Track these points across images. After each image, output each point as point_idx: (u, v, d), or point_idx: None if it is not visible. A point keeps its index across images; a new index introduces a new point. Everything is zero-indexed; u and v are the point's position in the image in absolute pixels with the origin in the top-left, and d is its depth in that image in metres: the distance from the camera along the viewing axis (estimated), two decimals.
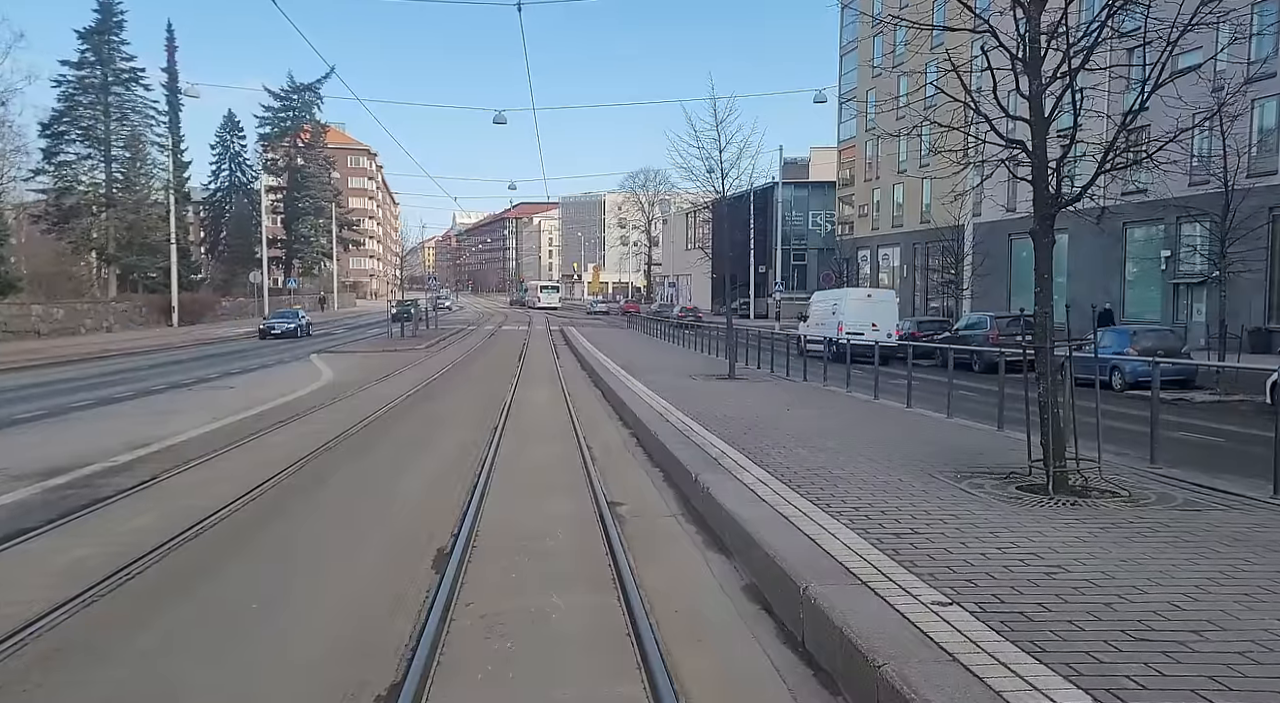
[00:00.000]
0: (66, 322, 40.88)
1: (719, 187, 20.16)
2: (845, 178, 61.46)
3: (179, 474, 9.44)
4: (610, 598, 5.47)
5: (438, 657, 4.51)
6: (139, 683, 4.33)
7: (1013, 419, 10.01)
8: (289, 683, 4.33)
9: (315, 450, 10.78)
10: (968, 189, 14.32)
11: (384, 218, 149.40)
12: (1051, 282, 7.62)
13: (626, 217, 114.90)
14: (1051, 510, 6.65)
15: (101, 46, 53.72)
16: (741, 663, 4.57)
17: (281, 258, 77.49)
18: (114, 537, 6.86)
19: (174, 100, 58.89)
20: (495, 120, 36.68)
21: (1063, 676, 3.64)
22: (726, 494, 7.21)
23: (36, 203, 54.57)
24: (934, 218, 39.66)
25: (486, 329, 50.29)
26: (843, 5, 42.90)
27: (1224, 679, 3.63)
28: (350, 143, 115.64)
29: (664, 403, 13.85)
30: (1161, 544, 5.68)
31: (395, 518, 7.71)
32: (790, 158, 69.05)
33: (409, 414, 14.92)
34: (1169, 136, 7.77)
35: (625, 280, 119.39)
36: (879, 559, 5.30)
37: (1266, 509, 6.76)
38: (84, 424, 13.85)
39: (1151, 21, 7.62)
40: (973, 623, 4.24)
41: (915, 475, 7.95)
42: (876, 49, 50.17)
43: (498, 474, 9.49)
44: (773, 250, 59.33)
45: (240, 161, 75.88)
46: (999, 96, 7.98)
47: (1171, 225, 29.86)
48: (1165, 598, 4.63)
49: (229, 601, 5.48)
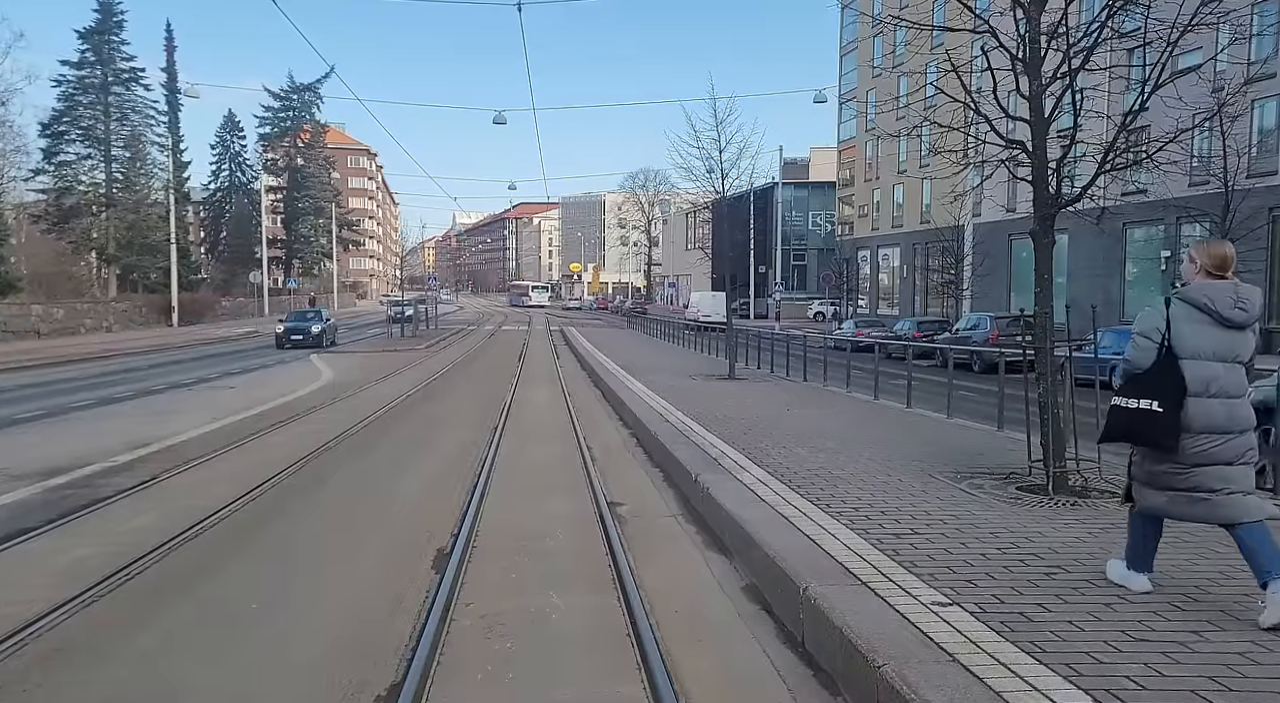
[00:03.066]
0: (66, 322, 40.87)
1: (719, 187, 20.15)
2: (845, 178, 61.47)
3: (179, 474, 9.44)
4: (610, 598, 5.47)
5: (438, 657, 4.51)
6: (139, 683, 4.33)
7: (1013, 419, 10.01)
8: (289, 683, 4.33)
9: (315, 450, 10.78)
10: (968, 189, 14.35)
11: (384, 218, 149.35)
12: (1051, 282, 7.61)
13: (626, 217, 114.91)
14: (1051, 511, 6.65)
15: (101, 46, 53.76)
16: (741, 663, 4.57)
17: (281, 258, 77.49)
18: (114, 537, 6.85)
19: (174, 100, 58.91)
20: (495, 120, 36.79)
21: (1062, 676, 3.64)
22: (726, 494, 7.20)
23: (36, 203, 54.59)
24: (934, 218, 39.64)
25: (486, 329, 50.30)
26: (843, 5, 42.87)
27: (1224, 679, 3.63)
28: (350, 143, 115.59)
29: (664, 403, 13.86)
30: (1161, 544, 5.65)
31: (395, 518, 7.71)
32: (790, 158, 69.13)
33: (409, 414, 14.92)
34: (1169, 137, 7.76)
35: (625, 280, 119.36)
36: (879, 559, 5.30)
37: None
38: (84, 424, 13.85)
39: (1151, 22, 7.62)
40: (973, 623, 4.24)
41: (915, 476, 7.95)
42: (876, 49, 50.17)
43: (498, 474, 9.49)
44: (773, 250, 59.37)
45: (240, 162, 75.99)
46: (999, 97, 7.98)
47: (1171, 226, 29.86)
48: (1165, 598, 4.63)
49: (229, 601, 5.48)
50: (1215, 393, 4.36)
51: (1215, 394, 4.36)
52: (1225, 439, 4.35)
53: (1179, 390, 4.35)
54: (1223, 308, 4.38)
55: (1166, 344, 4.43)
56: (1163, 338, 4.45)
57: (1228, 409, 4.37)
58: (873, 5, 45.07)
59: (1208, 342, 4.38)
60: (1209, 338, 4.39)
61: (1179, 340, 4.41)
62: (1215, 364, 4.37)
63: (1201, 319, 4.41)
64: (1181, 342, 4.40)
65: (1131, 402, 4.49)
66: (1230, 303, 4.38)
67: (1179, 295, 4.55)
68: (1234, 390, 4.39)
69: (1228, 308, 4.37)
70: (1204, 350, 4.37)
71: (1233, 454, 4.37)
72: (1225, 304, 4.38)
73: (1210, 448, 4.35)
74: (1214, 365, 4.37)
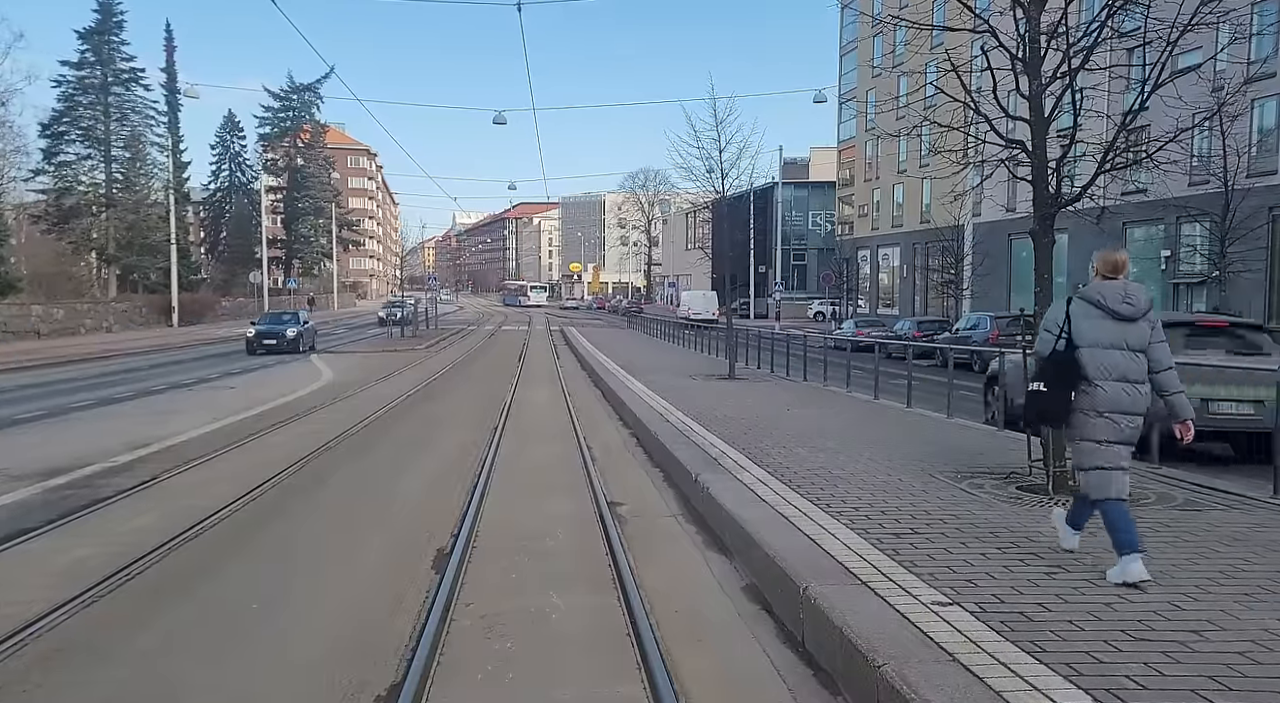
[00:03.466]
0: (66, 322, 40.85)
1: (719, 186, 20.13)
2: (845, 178, 61.48)
3: (179, 474, 9.44)
4: (610, 598, 5.47)
5: (438, 657, 4.51)
6: (139, 683, 4.33)
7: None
8: (289, 683, 4.33)
9: (315, 451, 10.79)
10: (968, 189, 14.33)
11: (384, 218, 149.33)
12: (1052, 282, 7.62)
13: (626, 217, 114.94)
14: (1052, 511, 6.64)
15: (101, 47, 53.71)
16: (741, 663, 4.57)
17: (281, 258, 77.45)
18: (114, 537, 6.85)
19: (174, 100, 58.84)
20: (495, 120, 36.78)
21: (1063, 676, 3.64)
22: (726, 494, 7.20)
23: (36, 203, 54.58)
24: (934, 218, 39.66)
25: (486, 329, 50.31)
26: (843, 5, 42.86)
27: (1224, 679, 3.63)
28: (350, 143, 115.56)
29: (664, 403, 13.86)
30: (1161, 544, 5.67)
31: (395, 518, 7.71)
32: (790, 158, 69.14)
33: (409, 414, 14.92)
34: (1169, 136, 7.77)
35: (625, 280, 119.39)
36: (879, 559, 5.31)
37: (1266, 509, 6.76)
38: (84, 424, 13.85)
39: (1151, 21, 7.62)
40: (973, 623, 4.24)
41: (915, 475, 7.94)
42: (876, 49, 50.15)
43: (498, 474, 9.49)
44: (773, 250, 59.36)
45: (240, 162, 75.93)
46: (999, 96, 7.98)
47: (1171, 225, 29.85)
48: (1165, 598, 4.63)
49: (229, 601, 5.48)
50: (1117, 377, 4.97)
51: (1117, 379, 4.97)
52: (1131, 419, 4.99)
53: (1070, 375, 5.02)
54: (1113, 303, 5.04)
55: (1067, 335, 5.08)
56: (1061, 331, 5.11)
57: (1131, 391, 4.98)
58: (873, 5, 45.05)
59: (1104, 333, 5.02)
60: (1104, 330, 5.02)
61: (1078, 333, 5.06)
62: (1113, 352, 4.99)
63: (1096, 314, 5.06)
64: (1080, 334, 5.05)
65: (1035, 385, 5.27)
66: (1119, 299, 5.03)
67: (1078, 295, 5.20)
68: (1134, 376, 4.99)
69: (1117, 303, 5.03)
70: (1100, 341, 5.01)
71: (1134, 434, 5.04)
72: (1115, 300, 5.04)
73: (1122, 426, 4.98)
74: (1111, 353, 4.99)
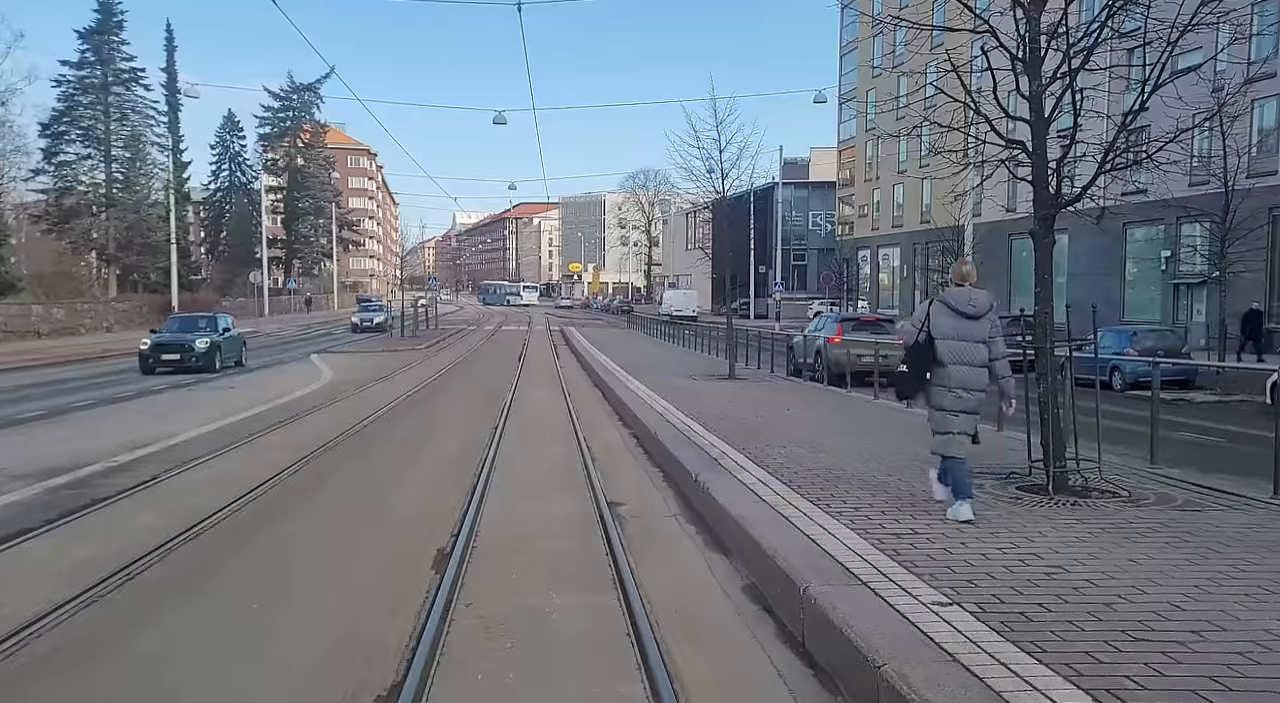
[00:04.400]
0: (67, 322, 40.83)
1: (719, 187, 20.11)
2: (845, 178, 61.46)
3: (179, 474, 9.44)
4: (610, 598, 5.47)
5: (438, 657, 4.51)
6: (139, 683, 4.33)
7: (1013, 419, 9.97)
8: (289, 683, 4.33)
9: (315, 451, 10.79)
10: (968, 189, 14.32)
11: (384, 218, 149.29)
12: (1052, 282, 7.62)
13: (626, 217, 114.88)
14: (1051, 511, 6.65)
15: (101, 46, 53.74)
16: (742, 663, 4.57)
17: (281, 258, 77.46)
18: (114, 537, 6.86)
19: (174, 100, 58.85)
20: (495, 121, 36.82)
21: (1063, 676, 3.64)
22: (727, 494, 7.21)
23: (36, 203, 54.61)
24: (934, 218, 39.65)
25: (486, 329, 50.29)
26: (843, 5, 42.83)
27: (1224, 679, 3.63)
28: (350, 143, 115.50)
29: (664, 403, 13.86)
30: (1161, 544, 5.68)
31: (395, 518, 7.71)
32: (790, 158, 68.96)
33: (409, 414, 14.93)
34: (1169, 137, 7.76)
35: (625, 280, 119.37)
36: (879, 559, 5.31)
37: (1266, 509, 6.76)
38: (84, 424, 13.84)
39: (1151, 22, 7.62)
40: (973, 623, 4.24)
41: (915, 475, 7.93)
42: (876, 49, 50.13)
43: (498, 474, 9.49)
44: (773, 250, 59.27)
45: (240, 162, 75.95)
46: (999, 97, 7.97)
47: (1171, 225, 29.85)
48: (1165, 598, 4.64)
49: (229, 601, 5.48)
50: (964, 362, 6.36)
51: (964, 363, 6.37)
52: (973, 394, 6.40)
53: (924, 361, 6.46)
54: (959, 305, 6.43)
55: (926, 329, 6.45)
56: (923, 325, 6.48)
57: (973, 373, 6.39)
58: (873, 5, 45.03)
59: (954, 328, 6.40)
60: (954, 326, 6.40)
61: (935, 327, 6.44)
62: (959, 342, 6.38)
63: (949, 313, 6.44)
64: (937, 328, 6.44)
65: (902, 366, 6.76)
66: (965, 301, 6.43)
67: (937, 298, 6.68)
68: (974, 360, 6.38)
69: (963, 305, 6.43)
70: (951, 333, 6.40)
71: (975, 405, 6.45)
72: (961, 303, 6.43)
73: (965, 399, 6.39)
74: (958, 343, 6.38)
